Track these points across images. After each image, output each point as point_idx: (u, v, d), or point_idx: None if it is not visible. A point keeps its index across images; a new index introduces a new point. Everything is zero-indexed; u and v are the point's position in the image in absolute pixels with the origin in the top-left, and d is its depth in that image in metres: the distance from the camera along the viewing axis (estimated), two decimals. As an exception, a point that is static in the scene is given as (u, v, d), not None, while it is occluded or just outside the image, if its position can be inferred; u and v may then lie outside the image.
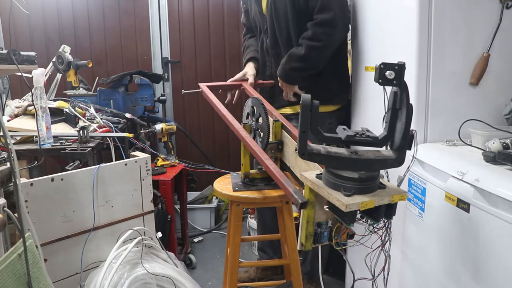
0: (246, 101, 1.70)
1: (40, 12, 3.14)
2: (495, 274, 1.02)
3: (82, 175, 1.53)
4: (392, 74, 1.05)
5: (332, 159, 1.03)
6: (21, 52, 1.57)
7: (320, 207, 1.12)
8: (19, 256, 1.05)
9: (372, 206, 1.00)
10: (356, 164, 1.03)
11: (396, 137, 1.04)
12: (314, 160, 1.05)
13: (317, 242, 1.15)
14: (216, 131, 3.39)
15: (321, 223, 1.14)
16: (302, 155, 1.03)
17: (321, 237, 1.15)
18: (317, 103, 1.00)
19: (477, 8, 1.37)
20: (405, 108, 1.01)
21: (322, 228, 1.14)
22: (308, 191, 1.11)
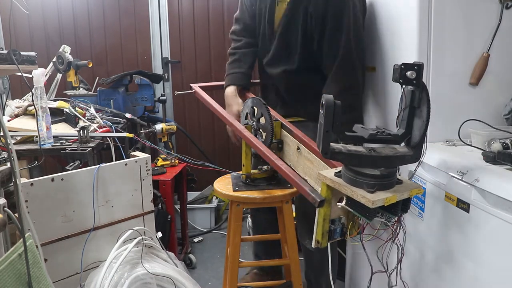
0: (245, 101, 1.69)
1: (40, 12, 3.14)
2: (495, 274, 1.02)
3: (82, 175, 1.53)
4: (413, 74, 1.07)
5: (354, 157, 1.06)
6: (21, 52, 1.57)
7: (333, 204, 1.15)
8: (19, 256, 1.05)
9: (395, 201, 1.03)
10: (377, 161, 1.06)
11: (415, 134, 1.09)
12: (336, 159, 1.08)
13: (331, 239, 1.18)
14: (216, 131, 3.39)
15: (335, 219, 1.17)
16: (325, 154, 1.05)
17: (334, 233, 1.18)
18: (339, 103, 1.03)
19: (477, 8, 1.38)
20: (426, 106, 1.05)
21: (335, 225, 1.17)
22: (325, 189, 1.13)
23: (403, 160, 1.09)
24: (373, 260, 1.29)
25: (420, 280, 1.38)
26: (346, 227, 1.20)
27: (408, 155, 1.09)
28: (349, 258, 2.07)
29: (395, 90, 1.58)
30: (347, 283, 2.10)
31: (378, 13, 1.71)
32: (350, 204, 1.09)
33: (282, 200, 1.60)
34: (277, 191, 1.58)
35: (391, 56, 1.60)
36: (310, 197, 1.18)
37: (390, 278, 1.32)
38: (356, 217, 1.16)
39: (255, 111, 1.59)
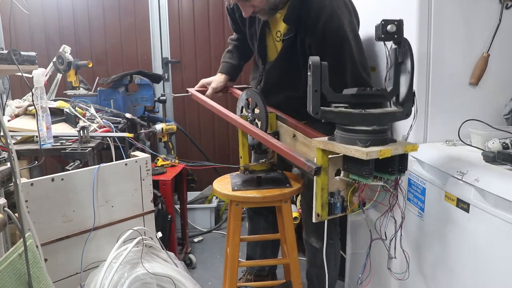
0: (240, 95, 1.71)
1: (40, 12, 3.14)
2: (495, 274, 1.02)
3: (82, 175, 1.53)
4: (393, 28, 1.07)
5: (344, 115, 1.09)
6: (21, 52, 1.57)
7: (331, 176, 1.16)
8: (19, 256, 1.05)
9: (389, 155, 1.04)
10: (367, 119, 1.08)
11: (402, 90, 1.11)
12: (327, 118, 1.09)
13: (331, 214, 1.19)
14: (216, 131, 3.39)
15: (333, 192, 1.18)
16: (316, 114, 1.08)
17: (334, 208, 1.19)
18: (325, 64, 1.07)
19: (477, 8, 1.38)
20: (409, 59, 1.07)
21: (335, 198, 1.19)
22: (321, 156, 1.14)
23: (393, 117, 1.13)
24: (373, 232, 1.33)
25: (420, 279, 1.38)
26: (346, 201, 1.21)
27: (398, 112, 1.11)
28: (349, 258, 2.07)
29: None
30: (347, 283, 2.10)
31: (377, 13, 1.71)
32: (347, 168, 1.12)
33: (281, 200, 1.60)
34: (276, 191, 1.58)
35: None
36: (306, 166, 1.18)
37: (390, 248, 1.35)
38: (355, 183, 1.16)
39: (250, 103, 1.61)
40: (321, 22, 1.50)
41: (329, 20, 1.50)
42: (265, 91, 1.72)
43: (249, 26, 1.77)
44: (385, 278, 1.57)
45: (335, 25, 1.51)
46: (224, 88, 1.99)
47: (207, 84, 1.97)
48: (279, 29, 1.67)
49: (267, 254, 2.20)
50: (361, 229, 1.93)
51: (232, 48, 1.98)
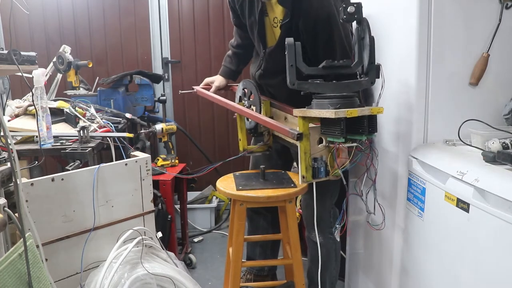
0: (238, 86, 1.89)
1: (40, 12, 3.14)
2: (495, 274, 1.02)
3: (82, 175, 1.53)
4: (352, 9, 1.27)
5: (317, 85, 1.32)
6: (21, 52, 1.57)
7: (314, 144, 1.38)
8: (19, 256, 1.05)
9: (356, 114, 1.23)
10: (338, 87, 1.32)
11: (365, 61, 1.34)
12: (303, 88, 1.32)
13: (316, 177, 1.39)
14: (216, 131, 3.39)
15: (317, 158, 1.38)
16: (293, 85, 1.31)
17: (318, 172, 1.39)
18: (299, 44, 1.31)
19: (477, 8, 1.37)
20: (367, 33, 1.31)
21: (318, 163, 1.39)
22: (301, 124, 1.35)
23: (359, 85, 1.35)
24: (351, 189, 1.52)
25: (420, 280, 1.38)
26: (328, 165, 1.40)
27: (364, 80, 1.34)
28: (349, 258, 2.07)
29: (395, 89, 1.58)
30: (347, 283, 2.10)
31: (377, 13, 1.71)
32: (324, 132, 1.32)
33: (286, 200, 1.60)
34: (281, 191, 1.58)
35: (391, 56, 1.60)
36: (289, 133, 1.39)
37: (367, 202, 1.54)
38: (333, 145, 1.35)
39: (246, 92, 1.80)
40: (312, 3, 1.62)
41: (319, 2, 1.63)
42: (265, 75, 1.87)
43: (248, 16, 1.84)
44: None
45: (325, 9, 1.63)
46: (225, 86, 2.15)
47: (211, 82, 2.14)
48: (276, 15, 1.75)
49: (266, 253, 2.20)
50: (361, 230, 1.93)
51: (232, 55, 2.12)
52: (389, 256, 1.63)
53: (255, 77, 1.93)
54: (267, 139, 1.81)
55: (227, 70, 2.12)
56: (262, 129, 1.75)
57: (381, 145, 1.70)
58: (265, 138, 1.81)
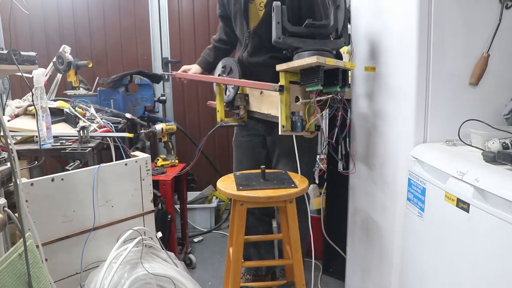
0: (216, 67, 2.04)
1: (40, 12, 3.14)
2: (495, 274, 1.02)
3: (82, 175, 1.53)
4: None
5: (300, 41, 1.52)
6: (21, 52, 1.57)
7: (292, 101, 1.53)
8: (19, 256, 1.05)
9: (333, 63, 1.40)
10: (316, 43, 1.52)
11: (340, 24, 1.55)
12: (286, 42, 1.52)
13: (293, 130, 1.54)
14: (216, 131, 3.38)
15: (295, 112, 1.54)
16: (279, 39, 1.51)
17: (295, 125, 1.53)
18: (285, 7, 1.51)
19: (477, 8, 1.38)
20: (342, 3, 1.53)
21: (296, 117, 1.53)
22: (283, 78, 1.52)
23: (335, 44, 1.55)
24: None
25: (420, 279, 1.38)
26: (305, 121, 1.54)
27: (339, 40, 1.55)
28: (349, 258, 2.07)
29: (395, 89, 1.58)
30: (347, 283, 2.10)
31: (378, 13, 1.71)
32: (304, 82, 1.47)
33: (286, 200, 1.60)
34: (282, 191, 1.58)
35: (391, 56, 1.60)
36: (271, 86, 1.55)
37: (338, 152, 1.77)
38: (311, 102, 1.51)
39: (226, 68, 1.93)
40: None
41: None
42: (252, 52, 1.97)
43: (234, 3, 1.97)
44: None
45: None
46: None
47: (188, 69, 2.28)
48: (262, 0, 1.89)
49: (261, 252, 2.22)
50: (361, 229, 1.93)
51: (212, 48, 2.26)
52: (389, 256, 1.63)
53: (242, 60, 2.01)
54: (242, 112, 1.93)
55: (204, 61, 2.25)
56: (238, 103, 1.88)
57: (381, 145, 1.71)
58: (240, 111, 1.93)
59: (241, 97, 1.88)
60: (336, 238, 2.25)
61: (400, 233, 1.53)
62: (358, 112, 1.91)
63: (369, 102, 1.80)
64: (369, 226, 1.82)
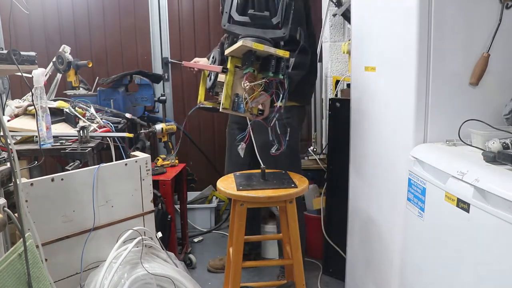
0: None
1: (40, 12, 3.14)
2: (495, 274, 1.02)
3: (82, 175, 1.53)
4: None
5: (241, 29, 1.64)
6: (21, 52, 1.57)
7: (239, 83, 1.59)
8: (19, 256, 1.05)
9: (262, 48, 1.49)
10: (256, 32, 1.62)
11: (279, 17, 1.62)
12: (230, 29, 1.67)
13: (235, 110, 1.61)
14: (216, 131, 3.39)
15: (238, 94, 1.60)
16: (224, 26, 1.67)
17: (238, 106, 1.60)
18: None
19: (477, 8, 1.38)
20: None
21: (239, 99, 1.60)
22: (229, 62, 1.60)
23: (274, 33, 1.62)
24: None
25: (420, 279, 1.38)
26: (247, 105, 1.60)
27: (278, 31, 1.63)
28: (349, 258, 2.07)
29: (395, 89, 1.58)
30: (347, 283, 2.10)
31: (378, 13, 1.71)
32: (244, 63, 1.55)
33: (286, 200, 1.60)
34: (282, 191, 1.58)
35: (391, 56, 1.60)
36: (217, 68, 1.69)
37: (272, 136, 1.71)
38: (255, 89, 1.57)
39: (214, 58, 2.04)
40: None
41: None
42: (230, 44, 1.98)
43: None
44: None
45: None
46: None
47: (198, 61, 2.33)
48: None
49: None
50: (361, 229, 1.93)
51: (219, 45, 2.34)
52: (389, 256, 1.63)
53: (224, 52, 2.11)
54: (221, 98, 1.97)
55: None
56: (218, 90, 1.93)
57: (381, 144, 1.71)
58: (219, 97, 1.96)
59: (220, 84, 1.93)
60: (336, 238, 2.25)
61: (400, 233, 1.53)
62: (358, 112, 1.90)
63: (369, 102, 1.80)
64: (369, 226, 1.82)
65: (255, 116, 1.68)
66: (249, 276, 2.40)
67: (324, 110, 2.81)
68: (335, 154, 2.27)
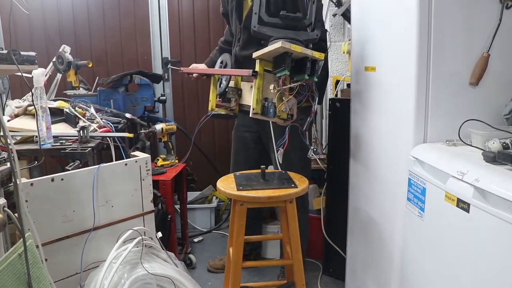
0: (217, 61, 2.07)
1: (40, 12, 3.14)
2: (495, 274, 1.02)
3: (82, 175, 1.53)
4: None
5: (273, 30, 1.57)
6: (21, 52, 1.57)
7: (267, 87, 1.57)
8: (19, 256, 1.05)
9: (300, 50, 1.45)
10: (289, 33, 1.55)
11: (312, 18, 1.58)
12: (262, 31, 1.56)
13: (264, 115, 1.58)
14: (216, 131, 3.39)
15: (268, 98, 1.58)
16: (254, 27, 1.56)
17: (268, 111, 1.58)
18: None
19: (477, 8, 1.37)
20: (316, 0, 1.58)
21: (268, 103, 1.58)
22: (259, 65, 1.57)
23: (307, 34, 1.58)
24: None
25: (420, 279, 1.38)
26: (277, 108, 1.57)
27: (311, 33, 1.59)
28: (349, 258, 2.07)
29: (395, 89, 1.58)
30: (347, 283, 2.10)
31: (378, 13, 1.71)
32: (275, 68, 1.52)
33: (286, 200, 1.60)
34: (282, 191, 1.58)
35: (391, 56, 1.60)
36: (247, 72, 1.61)
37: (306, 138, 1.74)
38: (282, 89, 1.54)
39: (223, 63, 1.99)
40: None
41: None
42: (243, 46, 2.06)
43: (231, 1, 2.09)
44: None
45: None
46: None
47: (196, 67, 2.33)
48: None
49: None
50: (361, 229, 1.93)
51: (218, 49, 2.37)
52: (389, 256, 1.63)
53: (236, 54, 2.10)
54: (233, 105, 1.95)
55: (210, 61, 2.33)
56: (230, 95, 1.90)
57: (381, 144, 1.71)
58: (231, 103, 1.94)
59: (233, 90, 1.90)
60: (336, 238, 2.25)
61: (400, 233, 1.53)
62: (358, 112, 1.90)
63: (369, 102, 1.80)
64: (369, 226, 1.82)
65: (284, 121, 1.62)
66: (249, 276, 2.40)
67: (324, 110, 2.82)
68: (335, 154, 2.27)
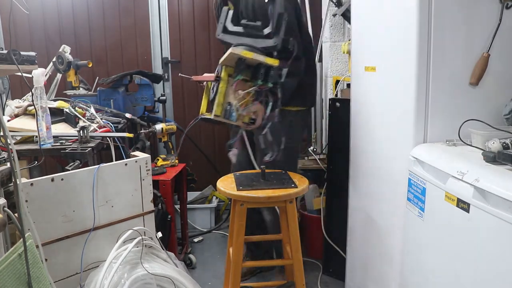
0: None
1: (40, 12, 3.14)
2: (495, 274, 1.02)
3: (82, 175, 1.53)
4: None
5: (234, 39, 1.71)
6: (21, 52, 1.57)
7: (232, 92, 1.67)
8: (19, 256, 1.05)
9: (251, 56, 1.56)
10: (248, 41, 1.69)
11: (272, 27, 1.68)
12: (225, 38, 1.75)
13: (226, 118, 1.69)
14: (216, 131, 3.38)
15: (231, 103, 1.68)
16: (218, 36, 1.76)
17: (230, 114, 1.68)
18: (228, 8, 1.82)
19: (477, 8, 1.38)
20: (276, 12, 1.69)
21: (231, 108, 1.67)
22: (223, 71, 1.68)
23: (265, 42, 1.68)
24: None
25: (420, 279, 1.38)
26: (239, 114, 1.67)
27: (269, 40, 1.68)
28: (349, 258, 2.07)
29: (395, 89, 1.58)
30: (347, 282, 2.10)
31: (378, 13, 1.71)
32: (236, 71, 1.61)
33: (286, 200, 1.60)
34: (282, 191, 1.58)
35: (391, 56, 1.60)
36: (213, 77, 1.74)
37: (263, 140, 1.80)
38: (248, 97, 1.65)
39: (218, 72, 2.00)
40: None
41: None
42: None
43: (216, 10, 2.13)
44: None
45: None
46: None
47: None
48: None
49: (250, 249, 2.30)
50: (361, 229, 1.93)
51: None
52: (389, 256, 1.63)
53: None
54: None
55: None
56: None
57: (381, 144, 1.71)
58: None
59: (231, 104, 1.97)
60: (336, 238, 2.25)
61: (400, 233, 1.53)
62: (358, 112, 1.90)
63: (369, 102, 1.80)
64: (369, 226, 1.82)
65: (247, 125, 1.71)
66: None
67: (324, 110, 2.81)
68: (335, 154, 2.27)
